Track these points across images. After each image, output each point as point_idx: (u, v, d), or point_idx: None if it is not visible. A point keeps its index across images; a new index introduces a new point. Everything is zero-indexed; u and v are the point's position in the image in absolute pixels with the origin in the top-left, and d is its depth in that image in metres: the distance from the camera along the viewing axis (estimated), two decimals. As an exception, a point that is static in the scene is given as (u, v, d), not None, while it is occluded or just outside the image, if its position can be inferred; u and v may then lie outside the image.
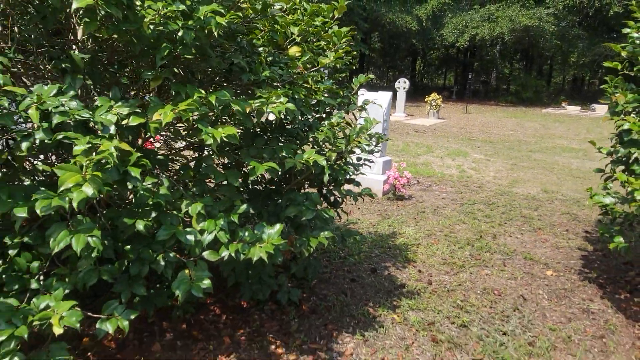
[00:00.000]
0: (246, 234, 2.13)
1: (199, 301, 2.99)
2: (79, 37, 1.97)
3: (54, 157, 2.47)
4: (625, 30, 3.36)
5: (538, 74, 33.92)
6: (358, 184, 3.11)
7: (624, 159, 3.14)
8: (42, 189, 1.61)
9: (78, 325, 1.76)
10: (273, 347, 2.71)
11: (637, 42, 3.18)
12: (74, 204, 1.51)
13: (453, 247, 4.43)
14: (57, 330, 1.73)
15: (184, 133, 2.37)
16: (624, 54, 3.33)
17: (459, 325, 3.10)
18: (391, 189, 6.24)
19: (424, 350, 2.81)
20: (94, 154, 1.56)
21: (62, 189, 1.50)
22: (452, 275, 3.84)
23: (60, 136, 1.56)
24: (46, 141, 1.59)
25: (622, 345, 2.95)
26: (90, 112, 1.66)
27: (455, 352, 2.80)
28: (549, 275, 3.93)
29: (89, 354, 2.47)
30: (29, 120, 1.59)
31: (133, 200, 2.01)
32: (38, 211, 1.50)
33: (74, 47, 1.96)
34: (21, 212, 1.60)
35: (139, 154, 1.70)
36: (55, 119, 1.56)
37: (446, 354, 2.79)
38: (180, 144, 3.01)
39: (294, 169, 2.27)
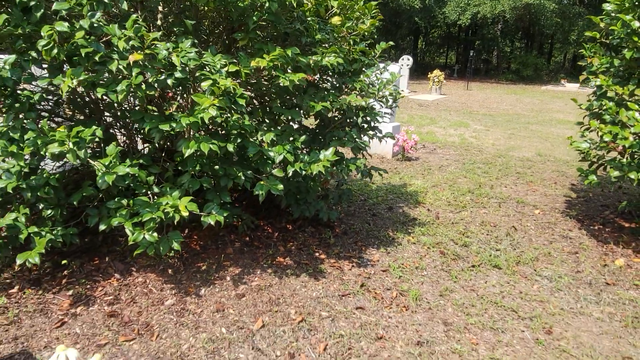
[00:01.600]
0: (306, 157, 2.87)
1: (254, 223, 3.74)
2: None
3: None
4: (605, 5, 4.03)
5: (539, 53, 34.31)
6: (380, 131, 3.84)
7: (597, 111, 3.86)
8: (176, 114, 2.34)
9: (198, 210, 2.51)
10: (317, 254, 3.48)
11: (612, 14, 3.86)
12: (205, 119, 2.24)
13: (456, 194, 5.18)
14: (184, 213, 2.48)
15: (252, 82, 3.07)
16: (602, 25, 4.02)
17: (461, 245, 3.86)
18: (400, 151, 6.97)
19: (434, 259, 3.58)
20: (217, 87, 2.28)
21: (198, 109, 2.23)
22: (455, 213, 4.60)
23: (197, 74, 2.28)
24: (181, 78, 2.30)
25: (591, 258, 3.72)
26: (208, 60, 2.38)
27: (458, 261, 3.57)
28: (537, 213, 4.69)
29: (191, 244, 3.24)
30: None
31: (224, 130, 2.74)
32: (184, 124, 2.23)
33: (187, 13, 2.67)
34: (165, 127, 2.33)
35: (242, 90, 2.42)
36: (191, 63, 2.28)
37: (451, 262, 3.55)
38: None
39: (327, 112, 2.99)
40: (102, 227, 2.65)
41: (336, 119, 3.53)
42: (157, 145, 3.01)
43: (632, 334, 2.73)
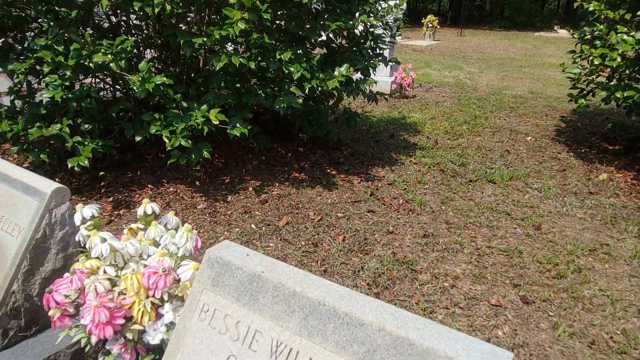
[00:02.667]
0: (321, 75, 3.11)
1: (269, 145, 4.01)
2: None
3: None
4: None
5: (533, -1, 33.76)
6: (385, 57, 4.05)
7: (589, 37, 4.10)
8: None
9: (226, 118, 2.77)
10: (328, 170, 3.79)
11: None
12: (236, 32, 2.46)
13: (453, 124, 5.47)
14: (215, 121, 2.74)
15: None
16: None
17: (459, 164, 4.19)
18: (398, 88, 7.17)
19: (434, 176, 3.90)
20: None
21: (228, 22, 2.44)
22: (452, 140, 4.90)
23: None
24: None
25: (577, 174, 4.07)
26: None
27: (457, 178, 3.90)
28: (528, 140, 5.01)
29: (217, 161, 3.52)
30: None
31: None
32: (216, 36, 2.45)
33: None
34: (198, 40, 2.54)
35: (266, 5, 2.62)
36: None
37: (450, 179, 3.88)
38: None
39: (340, 32, 3.19)
40: (137, 138, 2.91)
41: (345, 46, 3.73)
42: (187, 61, 3.21)
43: (610, 229, 3.11)
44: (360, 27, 3.70)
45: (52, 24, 2.51)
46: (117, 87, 3.27)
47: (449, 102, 6.74)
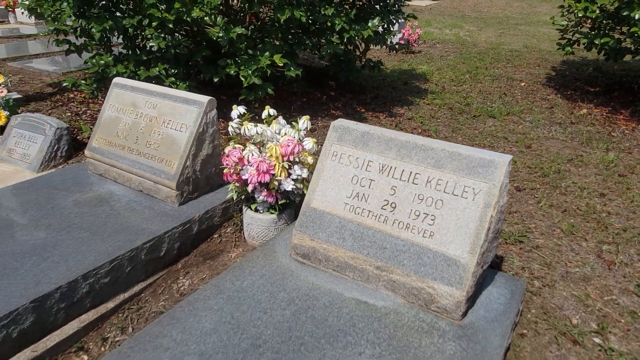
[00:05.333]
0: (357, 26, 3.87)
1: (306, 90, 4.79)
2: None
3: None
4: None
5: (529, -43, 33.64)
6: (403, 13, 4.78)
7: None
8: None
9: (288, 62, 3.55)
10: (358, 108, 4.60)
11: None
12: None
13: (457, 74, 6.24)
14: (280, 63, 3.51)
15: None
16: None
17: (464, 104, 5.00)
18: (405, 44, 7.88)
19: (445, 113, 4.72)
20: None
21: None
22: (457, 86, 5.69)
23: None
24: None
25: (562, 110, 4.90)
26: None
27: (463, 114, 4.72)
28: (522, 85, 5.81)
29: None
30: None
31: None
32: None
33: None
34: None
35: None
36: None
37: (457, 115, 4.70)
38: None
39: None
40: (215, 79, 3.69)
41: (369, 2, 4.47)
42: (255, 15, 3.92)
43: (584, 147, 3.96)
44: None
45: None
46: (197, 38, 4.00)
47: (452, 56, 7.48)
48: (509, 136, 4.16)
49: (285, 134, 2.34)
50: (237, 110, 2.35)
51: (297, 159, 2.27)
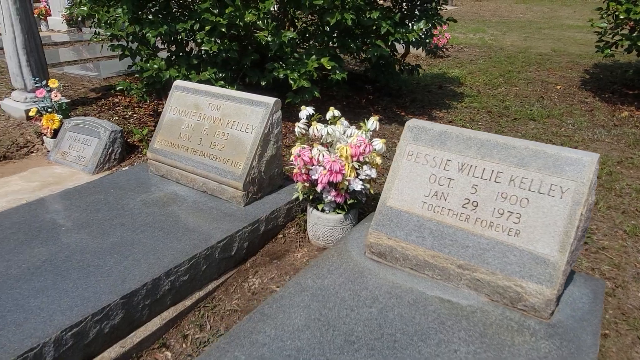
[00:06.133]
0: (403, 29, 3.89)
1: (347, 94, 4.81)
2: None
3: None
4: None
5: (547, -39, 33.47)
6: (441, 17, 4.78)
7: (615, -5, 4.80)
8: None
9: (335, 64, 3.57)
10: (398, 112, 4.60)
11: None
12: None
13: (490, 77, 6.22)
14: (328, 66, 3.54)
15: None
16: None
17: (502, 108, 4.98)
18: (434, 48, 7.87)
19: (483, 116, 4.71)
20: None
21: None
22: (492, 90, 5.67)
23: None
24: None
25: (603, 113, 4.85)
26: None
27: (503, 117, 4.70)
28: (558, 88, 5.77)
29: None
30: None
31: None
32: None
33: None
34: (319, 2, 3.33)
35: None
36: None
37: (497, 118, 4.68)
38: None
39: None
40: (262, 82, 3.73)
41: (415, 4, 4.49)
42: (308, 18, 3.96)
43: (632, 149, 3.91)
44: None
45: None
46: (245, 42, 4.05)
47: (482, 60, 7.46)
48: (553, 139, 4.12)
49: (352, 134, 2.36)
50: (307, 110, 2.38)
51: (366, 159, 2.28)
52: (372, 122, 2.32)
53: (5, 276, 1.84)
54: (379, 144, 2.25)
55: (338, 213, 2.35)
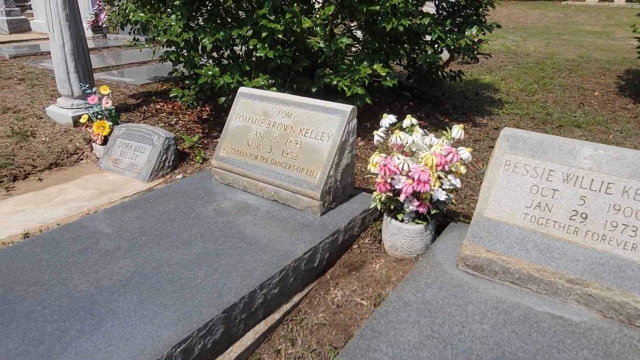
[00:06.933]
0: (453, 35, 3.83)
1: (388, 102, 4.76)
2: None
3: None
4: None
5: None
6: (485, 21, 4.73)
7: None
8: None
9: (390, 71, 3.52)
10: (441, 118, 4.54)
11: None
12: (398, 2, 3.19)
13: (525, 84, 6.16)
14: (382, 72, 3.49)
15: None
16: None
17: (544, 114, 4.91)
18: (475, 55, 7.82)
19: (527, 123, 4.64)
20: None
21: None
22: (529, 96, 5.61)
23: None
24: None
25: (648, 120, 4.78)
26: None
27: (547, 124, 4.63)
28: (596, 95, 5.70)
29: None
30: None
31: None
32: (387, 4, 3.18)
33: None
34: (375, 8, 3.28)
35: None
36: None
37: (541, 124, 4.62)
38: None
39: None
40: (313, 89, 3.69)
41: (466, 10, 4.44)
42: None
43: (688, 157, 3.83)
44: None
45: (266, 1, 3.27)
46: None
47: (511, 66, 7.40)
48: (604, 146, 4.05)
49: (432, 143, 2.31)
50: (389, 118, 2.33)
51: (451, 169, 2.22)
52: (457, 131, 2.26)
53: (99, 288, 1.79)
54: (465, 152, 2.20)
55: (418, 223, 2.29)
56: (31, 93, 4.87)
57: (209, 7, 3.61)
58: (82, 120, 3.64)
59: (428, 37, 4.21)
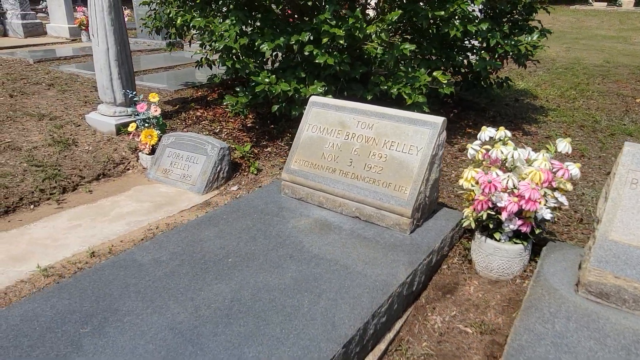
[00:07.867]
0: (512, 41, 3.70)
1: (434, 109, 4.61)
2: None
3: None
4: None
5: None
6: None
7: None
8: None
9: (450, 78, 3.38)
10: (487, 125, 4.40)
11: None
12: (464, 8, 3.05)
13: (562, 90, 6.03)
14: (443, 80, 3.35)
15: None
16: None
17: (592, 122, 4.77)
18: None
19: (577, 131, 4.50)
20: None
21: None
22: (570, 103, 5.47)
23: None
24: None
25: (699, 128, 4.65)
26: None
27: (597, 132, 4.49)
28: (638, 101, 5.56)
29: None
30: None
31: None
32: (451, 9, 3.04)
33: None
34: (440, 13, 3.14)
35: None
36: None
37: (591, 133, 4.48)
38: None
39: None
40: (368, 97, 3.54)
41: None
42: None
43: None
44: None
45: (327, 6, 3.13)
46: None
47: (541, 72, 7.27)
48: (664, 156, 3.91)
49: (530, 158, 2.16)
50: (489, 131, 2.19)
51: (559, 185, 2.08)
52: (565, 145, 2.12)
53: (200, 318, 1.63)
54: (574, 169, 2.05)
55: (516, 243, 2.15)
56: (63, 99, 4.71)
57: (262, 13, 3.47)
58: (130, 129, 3.49)
59: (475, 42, 4.08)
